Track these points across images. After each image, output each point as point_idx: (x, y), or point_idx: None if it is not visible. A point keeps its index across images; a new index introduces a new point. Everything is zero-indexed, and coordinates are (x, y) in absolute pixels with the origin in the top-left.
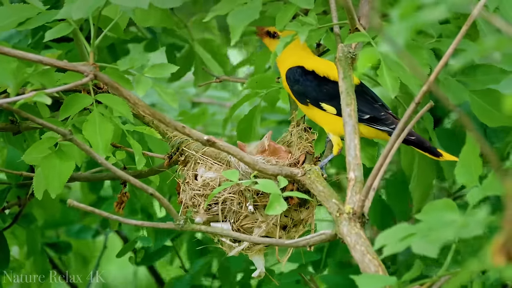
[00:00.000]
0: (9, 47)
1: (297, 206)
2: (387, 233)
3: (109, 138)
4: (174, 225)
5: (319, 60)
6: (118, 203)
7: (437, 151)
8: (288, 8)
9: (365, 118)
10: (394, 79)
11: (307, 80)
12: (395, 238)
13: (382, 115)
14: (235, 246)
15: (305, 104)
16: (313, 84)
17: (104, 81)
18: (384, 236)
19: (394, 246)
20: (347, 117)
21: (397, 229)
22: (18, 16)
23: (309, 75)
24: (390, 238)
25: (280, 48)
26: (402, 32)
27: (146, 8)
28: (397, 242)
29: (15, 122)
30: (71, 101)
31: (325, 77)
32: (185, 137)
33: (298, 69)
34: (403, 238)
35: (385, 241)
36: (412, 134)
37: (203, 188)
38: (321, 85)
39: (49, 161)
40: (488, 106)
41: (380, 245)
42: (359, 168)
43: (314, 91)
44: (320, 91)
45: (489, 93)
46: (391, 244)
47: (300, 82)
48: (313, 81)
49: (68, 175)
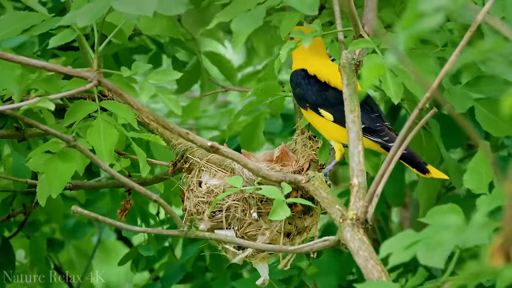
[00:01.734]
0: (13, 53)
1: (301, 214)
2: (391, 241)
3: (113, 144)
4: (178, 232)
5: (326, 65)
6: (121, 211)
7: (426, 168)
8: (293, 16)
9: None
10: (397, 85)
11: (308, 84)
12: (400, 246)
13: (377, 126)
14: (239, 253)
15: (304, 108)
16: (313, 89)
17: (108, 87)
18: (389, 244)
19: (400, 255)
20: (350, 123)
21: (402, 236)
22: (23, 23)
23: (311, 79)
24: (395, 246)
25: (283, 55)
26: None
27: (151, 16)
28: (402, 250)
29: (20, 129)
30: (76, 108)
31: (325, 83)
32: (190, 144)
33: (302, 72)
34: (408, 246)
35: (390, 249)
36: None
37: (207, 195)
38: (320, 91)
39: (51, 163)
40: (492, 115)
41: (385, 253)
42: (362, 174)
43: (313, 95)
44: (320, 96)
45: (493, 102)
46: (397, 252)
47: (302, 86)
48: (313, 86)
49: (69, 175)
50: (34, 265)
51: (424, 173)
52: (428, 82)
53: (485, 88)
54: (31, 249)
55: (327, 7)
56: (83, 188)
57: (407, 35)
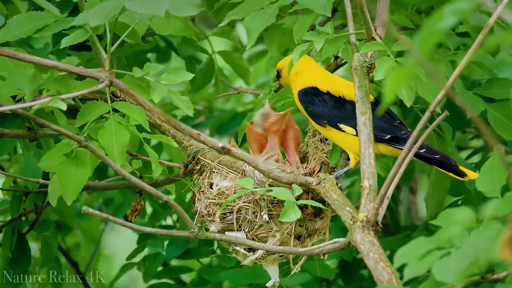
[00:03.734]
0: (25, 53)
1: (311, 216)
2: (405, 249)
3: (125, 145)
4: (189, 233)
5: (332, 79)
6: (132, 211)
7: (461, 171)
8: (306, 19)
9: (386, 138)
10: (409, 89)
11: (323, 101)
12: (414, 255)
13: (403, 134)
14: (249, 255)
15: (322, 125)
16: (329, 105)
17: (120, 87)
18: (402, 253)
19: (415, 267)
20: (362, 126)
21: (415, 244)
22: (36, 24)
23: (325, 96)
24: (409, 255)
25: (296, 57)
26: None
27: (162, 15)
28: (417, 261)
29: (32, 129)
30: (88, 109)
31: (340, 97)
32: (201, 146)
33: (313, 90)
34: (423, 256)
35: (405, 259)
36: (435, 152)
37: (218, 197)
38: (337, 106)
39: (65, 168)
40: (504, 119)
41: (400, 264)
42: (373, 177)
43: (330, 112)
44: (338, 112)
45: (505, 106)
46: (412, 263)
47: (315, 103)
48: (329, 102)
49: (83, 181)
50: (45, 263)
51: (462, 176)
52: (443, 84)
53: (498, 91)
54: (42, 249)
55: (340, 10)
56: (94, 189)
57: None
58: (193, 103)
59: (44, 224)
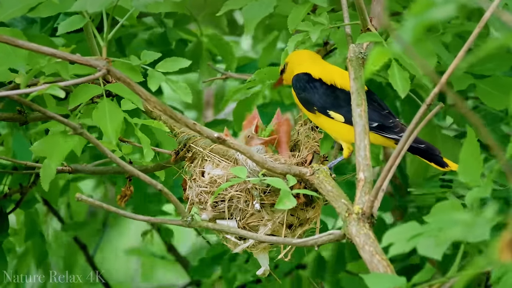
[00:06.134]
0: (24, 39)
1: (303, 205)
2: (395, 230)
3: (119, 124)
4: (182, 221)
5: (327, 67)
6: (121, 196)
7: (443, 161)
8: (300, 8)
9: (373, 126)
10: (404, 80)
11: (314, 88)
12: (403, 236)
13: (390, 123)
14: (240, 244)
15: (312, 112)
16: (320, 92)
17: (117, 76)
18: (392, 234)
19: (401, 246)
20: (357, 117)
21: (406, 227)
22: (28, 2)
23: (316, 82)
24: (398, 236)
25: (291, 47)
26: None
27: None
28: (405, 241)
29: (23, 112)
30: (80, 91)
31: (332, 85)
32: (193, 133)
33: (305, 76)
34: (411, 238)
35: (393, 239)
36: (421, 142)
37: (210, 185)
38: (328, 93)
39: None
40: (493, 90)
41: (388, 243)
42: (368, 169)
43: (320, 99)
44: (328, 99)
45: (495, 79)
46: (399, 243)
47: (307, 90)
48: (320, 89)
49: (68, 149)
50: (28, 237)
51: (443, 166)
52: (429, 65)
53: (489, 65)
54: (26, 223)
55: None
56: (82, 172)
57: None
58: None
59: (28, 203)
